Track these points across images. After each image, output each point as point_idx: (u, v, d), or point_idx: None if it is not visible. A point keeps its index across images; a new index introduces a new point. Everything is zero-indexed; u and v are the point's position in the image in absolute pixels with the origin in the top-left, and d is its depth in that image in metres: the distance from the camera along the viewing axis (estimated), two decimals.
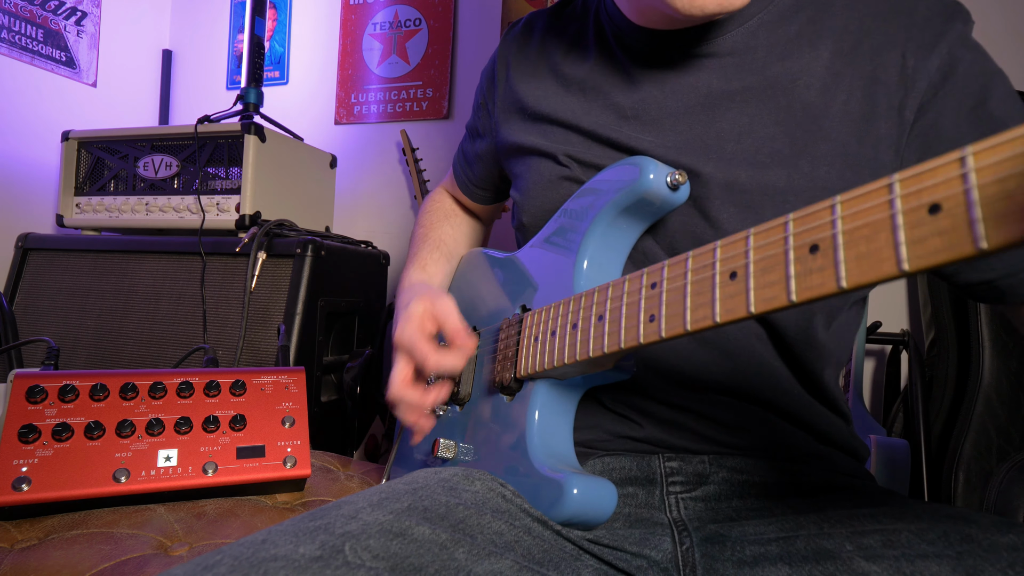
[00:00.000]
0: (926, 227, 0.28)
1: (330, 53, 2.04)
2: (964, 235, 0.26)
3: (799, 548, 0.48)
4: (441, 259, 0.83)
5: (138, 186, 1.53)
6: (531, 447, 0.55)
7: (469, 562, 0.44)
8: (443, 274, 0.81)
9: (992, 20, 1.43)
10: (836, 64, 0.57)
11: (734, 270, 0.37)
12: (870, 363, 1.56)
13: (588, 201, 0.60)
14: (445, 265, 0.83)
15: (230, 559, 0.39)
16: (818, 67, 0.58)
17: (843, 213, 0.32)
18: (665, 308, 0.42)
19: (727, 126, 0.59)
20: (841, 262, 0.31)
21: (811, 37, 0.59)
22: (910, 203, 0.29)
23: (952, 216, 0.27)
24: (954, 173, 0.27)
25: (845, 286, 0.31)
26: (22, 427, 0.65)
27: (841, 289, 0.31)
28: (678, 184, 0.55)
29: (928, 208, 0.28)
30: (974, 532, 0.45)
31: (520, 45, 0.77)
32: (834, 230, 0.32)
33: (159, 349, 1.35)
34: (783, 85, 0.58)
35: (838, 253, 0.32)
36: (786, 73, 0.58)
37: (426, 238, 0.86)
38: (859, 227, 0.31)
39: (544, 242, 0.66)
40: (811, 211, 0.34)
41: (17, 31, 1.75)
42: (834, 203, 0.32)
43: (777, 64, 0.59)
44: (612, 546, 0.53)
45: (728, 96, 0.60)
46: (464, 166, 0.89)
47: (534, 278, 0.65)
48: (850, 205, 0.31)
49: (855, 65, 0.57)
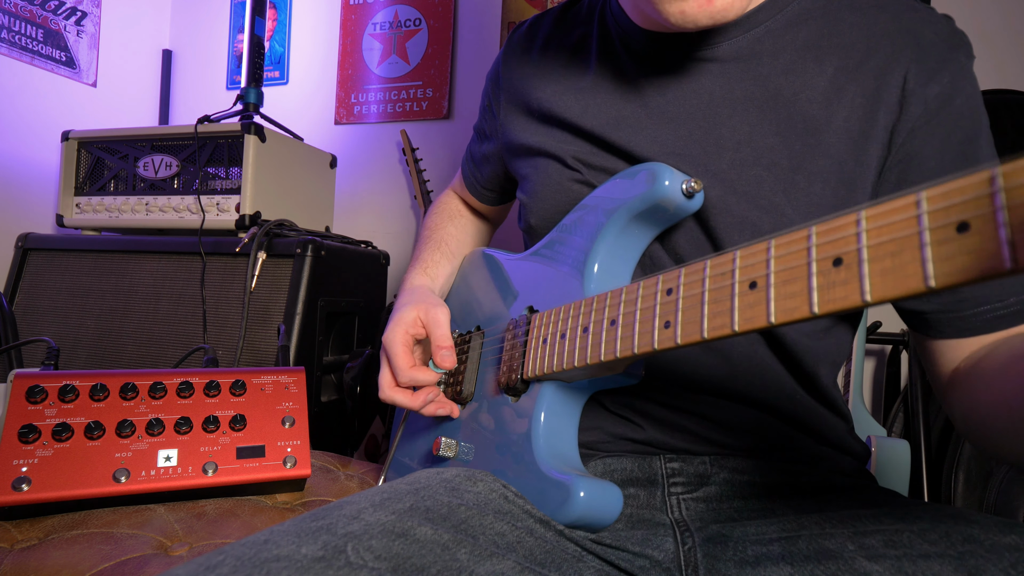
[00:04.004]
0: (954, 244, 0.28)
1: (330, 53, 2.04)
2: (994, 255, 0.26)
3: (801, 548, 0.48)
4: (443, 260, 0.83)
5: (138, 186, 1.53)
6: (537, 449, 0.55)
7: (471, 563, 0.44)
8: (445, 276, 0.82)
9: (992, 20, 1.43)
10: (839, 80, 0.57)
11: (754, 280, 0.37)
12: (870, 363, 1.56)
13: (600, 205, 0.60)
14: (447, 266, 0.83)
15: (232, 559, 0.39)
16: (822, 81, 0.57)
17: (868, 227, 0.31)
18: (681, 315, 0.42)
19: (727, 133, 0.59)
20: (866, 276, 0.31)
21: (817, 51, 0.58)
22: (938, 220, 0.28)
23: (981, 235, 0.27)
24: (984, 192, 0.27)
25: (870, 300, 0.31)
26: (22, 427, 0.64)
27: (865, 303, 0.31)
28: (693, 191, 0.54)
29: (956, 226, 0.28)
30: (976, 532, 0.45)
31: (524, 46, 0.77)
32: (859, 244, 0.32)
33: (159, 349, 1.35)
34: (786, 97, 0.58)
35: (863, 267, 0.31)
36: (789, 85, 0.58)
37: (430, 239, 0.86)
38: (885, 242, 0.30)
39: (554, 245, 0.65)
40: (835, 223, 0.33)
41: (17, 31, 1.74)
42: (859, 216, 0.32)
43: (781, 76, 0.58)
44: (614, 546, 0.53)
45: (730, 103, 0.60)
46: (472, 167, 0.89)
47: (542, 280, 0.65)
48: (876, 219, 0.31)
49: (858, 82, 0.57)
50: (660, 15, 0.54)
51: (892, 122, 0.56)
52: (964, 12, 1.45)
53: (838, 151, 0.57)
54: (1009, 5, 1.43)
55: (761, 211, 0.57)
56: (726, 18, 0.53)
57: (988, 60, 1.42)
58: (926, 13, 0.58)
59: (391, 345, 0.67)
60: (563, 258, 0.63)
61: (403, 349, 0.67)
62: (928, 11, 0.58)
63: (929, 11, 0.58)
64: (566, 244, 0.63)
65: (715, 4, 0.52)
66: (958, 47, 0.56)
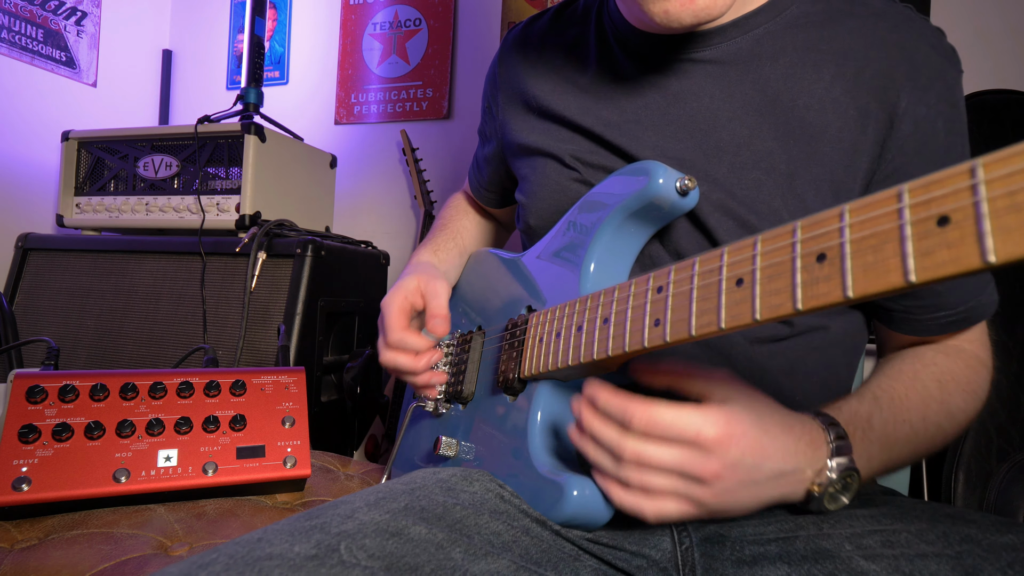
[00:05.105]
0: (934, 239, 0.28)
1: (330, 53, 2.04)
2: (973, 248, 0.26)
3: (798, 548, 0.48)
4: (454, 249, 0.84)
5: (138, 186, 1.53)
6: (532, 448, 0.55)
7: (466, 562, 0.44)
8: (453, 264, 0.82)
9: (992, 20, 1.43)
10: (836, 89, 0.58)
11: (740, 276, 0.37)
12: (870, 363, 1.55)
13: (597, 204, 0.60)
14: (457, 257, 0.84)
15: (225, 557, 0.39)
16: (819, 88, 0.58)
17: (851, 221, 0.31)
18: (671, 313, 0.42)
19: (727, 136, 0.59)
20: (848, 272, 0.31)
21: (815, 56, 0.59)
22: (919, 213, 0.28)
23: (961, 228, 0.27)
24: (964, 184, 0.27)
25: (851, 296, 0.31)
26: (22, 427, 0.65)
27: (847, 299, 0.31)
28: (687, 189, 0.55)
29: (937, 219, 0.28)
30: (973, 532, 0.45)
31: (521, 46, 0.77)
32: (842, 239, 0.32)
33: (159, 349, 1.35)
34: (784, 102, 0.58)
35: (845, 263, 0.31)
36: (788, 91, 0.58)
37: (445, 227, 0.88)
38: (866, 236, 0.31)
39: (551, 244, 0.66)
40: (819, 218, 0.33)
41: (17, 31, 1.75)
42: (843, 210, 0.32)
43: (780, 80, 0.59)
44: (612, 545, 0.53)
45: (729, 106, 0.60)
46: (475, 169, 0.91)
47: (540, 280, 0.65)
48: (858, 213, 0.31)
49: (853, 94, 0.57)
50: (646, 15, 0.55)
51: (883, 137, 0.57)
52: (964, 12, 1.45)
53: (831, 160, 0.57)
54: (1009, 5, 1.43)
55: (759, 215, 0.58)
56: (710, 15, 0.54)
57: (988, 60, 1.42)
58: (921, 26, 0.59)
59: (388, 307, 0.69)
60: (560, 257, 0.63)
61: (398, 311, 0.68)
62: (923, 23, 0.59)
63: (924, 23, 0.59)
64: (564, 244, 0.63)
65: (697, 3, 0.53)
66: (949, 66, 0.58)
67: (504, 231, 0.98)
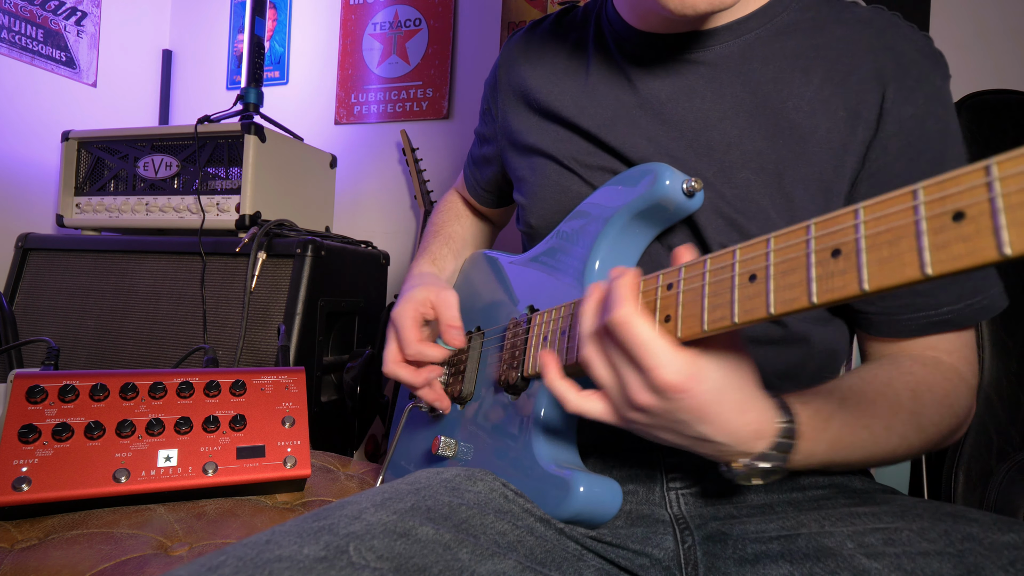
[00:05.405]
0: (950, 232, 0.28)
1: (330, 53, 2.04)
2: (989, 241, 0.27)
3: (800, 546, 0.48)
4: (449, 255, 0.85)
5: (138, 186, 1.53)
6: (536, 445, 0.55)
7: (473, 562, 0.44)
8: (450, 270, 0.83)
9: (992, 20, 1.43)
10: (825, 91, 0.58)
11: (753, 272, 0.37)
12: None
13: (601, 205, 0.61)
14: (453, 261, 0.84)
15: (234, 560, 0.39)
16: (808, 91, 0.59)
17: (866, 218, 0.32)
18: (682, 309, 0.42)
19: (717, 136, 0.60)
20: (864, 265, 0.32)
21: (805, 61, 0.60)
22: (934, 209, 0.29)
23: (976, 223, 0.27)
24: (979, 181, 0.28)
25: (868, 288, 0.31)
26: (22, 427, 0.64)
27: (863, 292, 0.32)
28: (693, 191, 0.55)
29: (952, 215, 0.28)
30: (975, 531, 0.45)
31: (522, 49, 0.78)
32: (857, 235, 0.32)
33: (159, 349, 1.35)
34: (774, 104, 0.59)
35: (860, 257, 0.32)
36: (777, 93, 0.59)
37: (438, 233, 0.88)
38: (882, 232, 0.31)
39: (554, 244, 0.66)
40: (833, 216, 0.34)
41: (17, 31, 1.75)
42: (857, 208, 0.33)
43: (770, 83, 0.60)
44: (615, 544, 0.53)
45: (720, 107, 0.61)
46: (472, 169, 0.91)
47: (543, 279, 0.65)
48: (873, 210, 0.32)
49: (842, 96, 0.58)
50: (659, 4, 0.55)
51: (869, 138, 0.57)
52: (964, 12, 1.45)
53: (820, 160, 0.58)
54: (1009, 5, 1.43)
55: (747, 215, 0.58)
56: (724, 4, 0.54)
57: (988, 60, 1.42)
58: (908, 31, 0.59)
59: (401, 319, 0.68)
60: (565, 257, 0.63)
61: (412, 323, 0.68)
62: (909, 29, 0.60)
63: (910, 29, 0.60)
64: (568, 243, 0.64)
65: None
66: (935, 68, 0.58)
67: (495, 230, 0.99)
